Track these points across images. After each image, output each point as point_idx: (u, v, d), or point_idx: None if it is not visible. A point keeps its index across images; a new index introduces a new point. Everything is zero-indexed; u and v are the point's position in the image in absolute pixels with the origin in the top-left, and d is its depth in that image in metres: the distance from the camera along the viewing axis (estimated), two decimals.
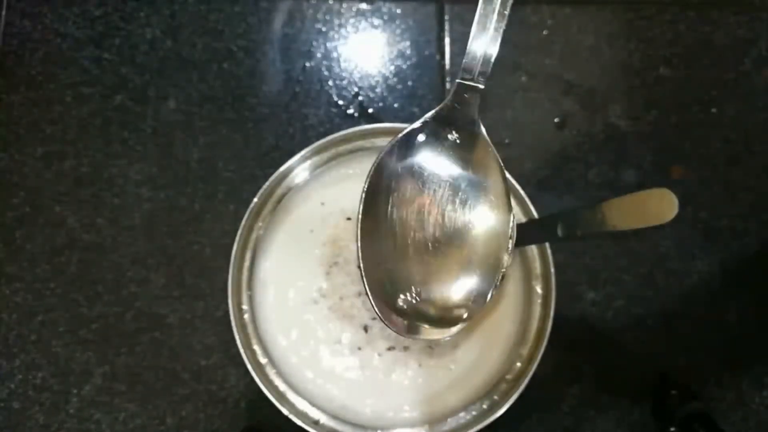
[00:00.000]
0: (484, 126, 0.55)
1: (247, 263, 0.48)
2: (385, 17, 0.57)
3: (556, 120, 0.55)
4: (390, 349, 0.48)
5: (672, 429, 0.48)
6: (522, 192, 0.49)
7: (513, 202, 0.49)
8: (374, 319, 0.48)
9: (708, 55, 0.57)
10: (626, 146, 0.55)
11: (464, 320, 0.36)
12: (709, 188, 0.54)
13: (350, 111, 0.55)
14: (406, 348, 0.48)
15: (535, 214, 0.48)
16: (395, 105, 0.56)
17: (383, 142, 0.50)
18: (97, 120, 0.55)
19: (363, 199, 0.36)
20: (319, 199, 0.51)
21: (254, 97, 0.55)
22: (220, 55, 0.56)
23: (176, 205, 0.53)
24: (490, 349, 0.48)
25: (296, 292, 0.49)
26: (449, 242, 0.36)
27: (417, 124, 0.36)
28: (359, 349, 0.48)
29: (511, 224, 0.36)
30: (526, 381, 0.46)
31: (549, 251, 0.48)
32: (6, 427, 0.50)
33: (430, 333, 0.36)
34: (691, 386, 0.51)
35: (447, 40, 0.57)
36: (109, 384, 0.50)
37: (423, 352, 0.48)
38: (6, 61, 0.56)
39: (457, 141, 0.37)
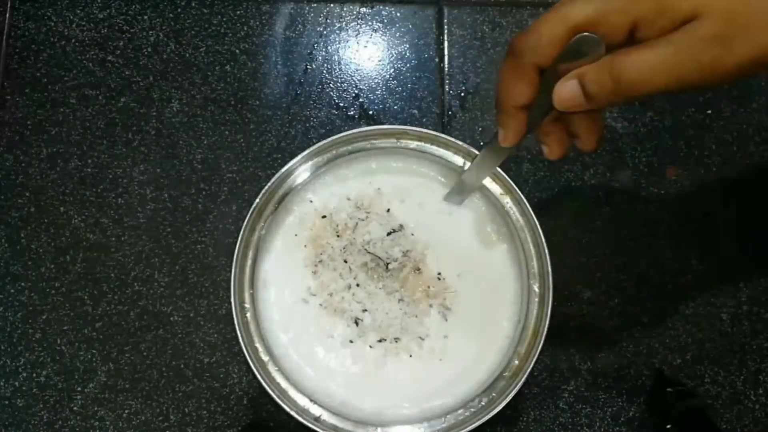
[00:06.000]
0: (482, 128, 0.56)
1: (249, 262, 0.49)
2: (385, 21, 0.58)
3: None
4: (381, 340, 0.49)
5: (668, 426, 0.48)
6: (520, 192, 0.50)
7: (508, 199, 0.50)
8: (365, 311, 0.49)
9: None
10: (622, 147, 0.56)
11: None
12: (703, 189, 0.55)
13: (351, 113, 0.56)
14: (396, 339, 0.49)
15: (533, 215, 0.49)
16: (395, 107, 0.56)
17: (384, 143, 0.51)
18: (101, 121, 0.56)
19: None
20: (309, 198, 0.52)
21: (256, 99, 0.56)
22: (222, 58, 0.57)
23: (180, 205, 0.54)
24: (488, 347, 0.49)
25: (290, 292, 0.50)
26: None
27: None
28: (351, 342, 0.49)
29: None
30: (523, 378, 0.46)
31: (546, 251, 0.49)
32: (10, 424, 0.51)
33: None
34: (687, 384, 0.52)
35: (446, 44, 0.57)
36: (113, 381, 0.51)
37: (413, 342, 0.49)
38: (11, 63, 0.57)
39: None
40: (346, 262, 0.50)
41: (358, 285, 0.50)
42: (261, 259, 0.50)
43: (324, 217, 0.51)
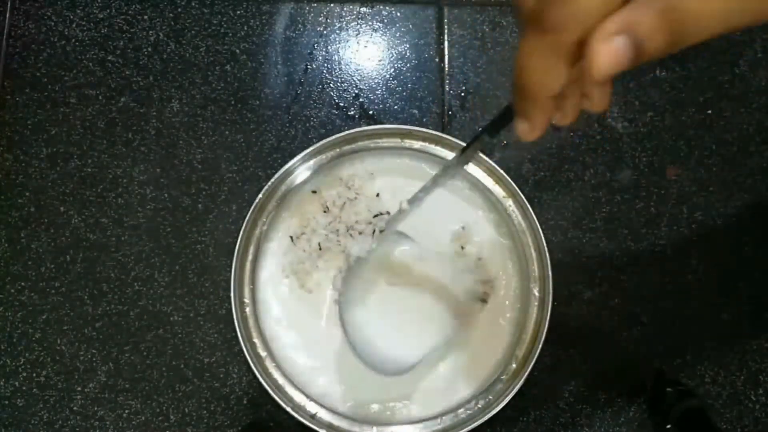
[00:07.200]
0: (482, 128, 0.56)
1: (250, 257, 0.49)
2: (385, 20, 0.58)
3: (553, 122, 0.56)
4: None
5: (668, 426, 0.48)
6: (520, 193, 0.50)
7: (511, 202, 0.50)
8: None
9: (703, 57, 0.57)
10: (622, 147, 0.56)
11: None
12: (704, 189, 0.55)
13: (351, 112, 0.56)
14: None
15: (535, 219, 0.49)
16: (395, 107, 0.56)
17: (387, 142, 0.51)
18: (101, 121, 0.56)
19: None
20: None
21: (256, 99, 0.56)
22: (222, 58, 0.57)
23: (180, 205, 0.54)
24: (486, 351, 0.49)
25: (293, 288, 0.50)
26: None
27: None
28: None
29: None
30: (521, 382, 0.46)
31: (547, 255, 0.49)
32: (10, 424, 0.51)
33: None
34: (687, 384, 0.52)
35: (446, 43, 0.57)
36: (113, 381, 0.51)
37: None
38: (11, 63, 0.57)
39: None
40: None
41: None
42: (262, 254, 0.50)
43: (315, 192, 0.51)
